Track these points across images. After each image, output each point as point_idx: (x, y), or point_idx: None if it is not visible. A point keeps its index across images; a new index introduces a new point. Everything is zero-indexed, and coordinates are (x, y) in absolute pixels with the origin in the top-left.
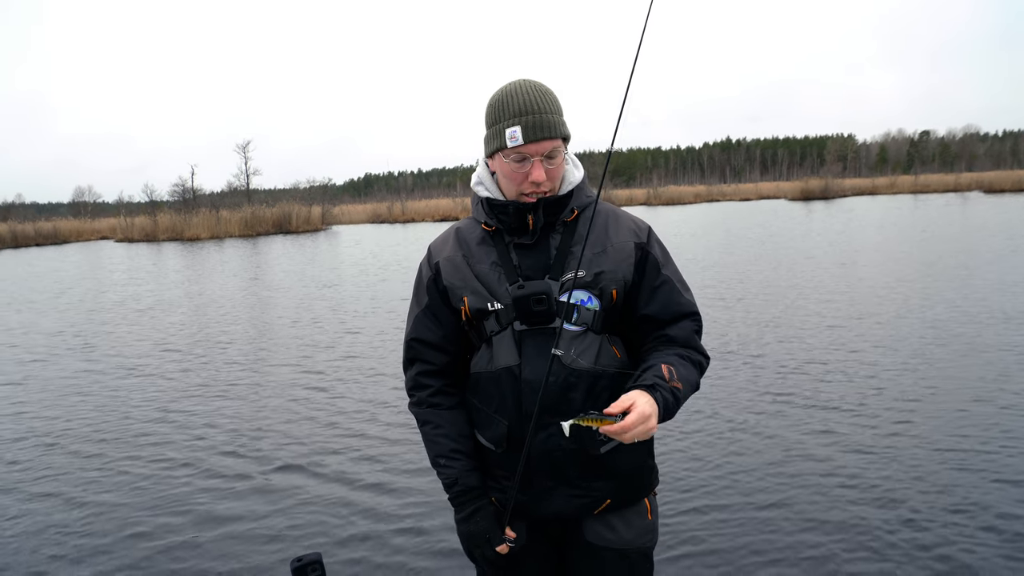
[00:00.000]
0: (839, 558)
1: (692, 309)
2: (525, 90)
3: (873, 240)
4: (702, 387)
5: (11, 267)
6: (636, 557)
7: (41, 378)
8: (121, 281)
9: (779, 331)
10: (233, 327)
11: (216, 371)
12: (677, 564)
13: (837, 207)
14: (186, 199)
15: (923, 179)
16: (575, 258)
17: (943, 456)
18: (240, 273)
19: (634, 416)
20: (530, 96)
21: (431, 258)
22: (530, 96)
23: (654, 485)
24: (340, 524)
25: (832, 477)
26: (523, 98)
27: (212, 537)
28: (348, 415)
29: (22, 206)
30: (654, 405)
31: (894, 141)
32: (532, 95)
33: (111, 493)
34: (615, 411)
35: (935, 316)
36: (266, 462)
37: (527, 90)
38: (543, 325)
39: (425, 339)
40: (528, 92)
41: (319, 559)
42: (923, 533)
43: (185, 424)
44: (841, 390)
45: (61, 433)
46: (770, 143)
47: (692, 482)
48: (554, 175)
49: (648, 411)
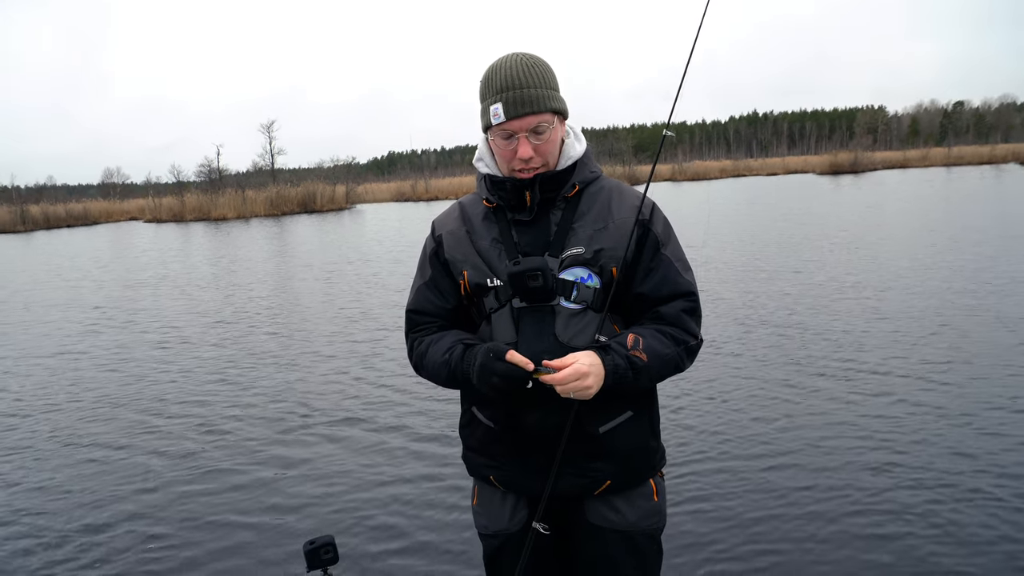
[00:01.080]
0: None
1: (688, 289)
2: (510, 65)
3: (901, 213)
4: (729, 353)
5: (46, 248)
6: (642, 539)
7: (104, 346)
8: (163, 259)
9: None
10: (268, 301)
11: (259, 342)
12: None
13: (867, 180)
14: (212, 179)
15: (956, 151)
16: (575, 235)
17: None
18: (272, 251)
19: (567, 371)
20: (515, 71)
21: (434, 231)
22: (515, 71)
23: (659, 467)
24: (357, 505)
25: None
26: (507, 73)
27: (237, 506)
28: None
29: (53, 188)
30: (596, 366)
31: (926, 112)
32: (517, 69)
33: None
34: (555, 365)
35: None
36: (297, 430)
37: (512, 64)
38: (542, 303)
39: (425, 310)
40: (513, 67)
41: (332, 541)
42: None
43: (243, 384)
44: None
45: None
46: (798, 116)
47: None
48: (544, 151)
49: (584, 369)
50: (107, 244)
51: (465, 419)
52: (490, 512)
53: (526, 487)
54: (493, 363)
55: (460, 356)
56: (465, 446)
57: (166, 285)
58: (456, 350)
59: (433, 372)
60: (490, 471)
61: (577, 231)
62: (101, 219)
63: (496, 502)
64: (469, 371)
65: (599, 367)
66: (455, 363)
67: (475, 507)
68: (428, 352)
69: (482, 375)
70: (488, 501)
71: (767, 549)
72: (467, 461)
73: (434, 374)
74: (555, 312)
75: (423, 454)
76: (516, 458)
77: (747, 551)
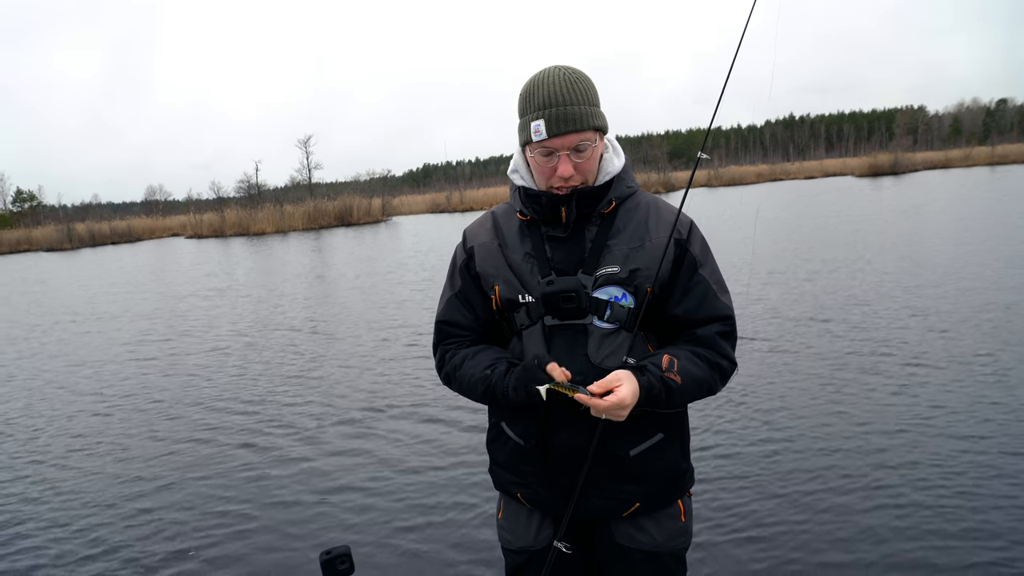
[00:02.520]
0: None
1: (725, 313)
2: (553, 80)
3: (944, 215)
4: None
5: (94, 264)
6: (668, 560)
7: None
8: (211, 272)
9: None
10: (315, 312)
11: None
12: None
13: (907, 182)
14: (251, 195)
15: (1000, 150)
16: (610, 253)
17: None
18: (313, 264)
19: (613, 399)
20: (557, 87)
21: (466, 242)
22: (557, 87)
23: (688, 487)
24: (375, 515)
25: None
26: (549, 89)
27: (258, 518)
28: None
29: (98, 206)
30: (636, 393)
31: (968, 111)
32: (559, 85)
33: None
34: (597, 391)
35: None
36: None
37: (555, 80)
38: (574, 320)
39: (455, 322)
40: (556, 83)
41: (348, 551)
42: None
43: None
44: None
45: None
46: (835, 118)
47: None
48: (584, 168)
49: (627, 399)
50: (155, 259)
51: (493, 433)
52: (515, 528)
53: (553, 506)
54: (536, 373)
55: (502, 375)
56: (492, 460)
57: (227, 297)
58: (499, 367)
59: (468, 386)
60: (517, 488)
61: (612, 249)
62: (144, 236)
63: (522, 519)
64: (507, 388)
65: (636, 391)
66: (496, 380)
67: (500, 521)
68: (463, 366)
69: (519, 391)
70: (514, 517)
71: (791, 558)
72: (494, 475)
73: (468, 388)
74: (587, 331)
75: (446, 465)
76: (544, 477)
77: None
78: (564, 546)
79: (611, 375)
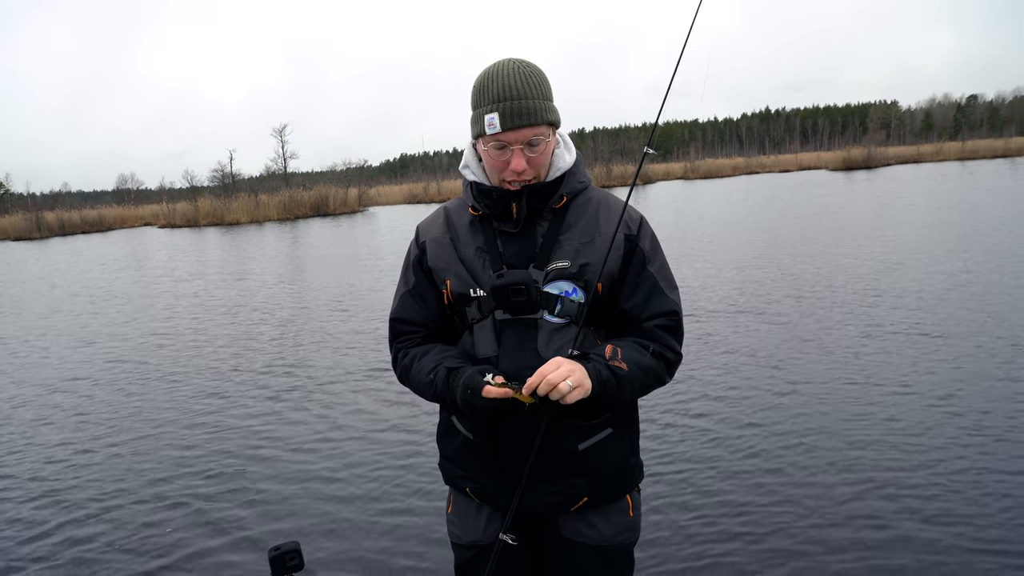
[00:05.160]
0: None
1: (671, 308)
2: (507, 73)
3: (914, 208)
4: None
5: (63, 255)
6: (614, 554)
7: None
8: (191, 264)
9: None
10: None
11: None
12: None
13: (880, 176)
14: (225, 184)
15: (971, 145)
16: (561, 248)
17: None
18: (296, 254)
19: (543, 366)
20: (511, 80)
21: (419, 237)
22: (511, 80)
23: (637, 482)
24: (320, 510)
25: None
26: (503, 82)
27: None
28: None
29: (68, 195)
30: (575, 367)
31: (940, 106)
32: (513, 79)
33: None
34: (532, 387)
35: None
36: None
37: (509, 73)
38: (525, 315)
39: (407, 319)
40: (510, 76)
41: (297, 547)
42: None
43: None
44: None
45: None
46: (810, 112)
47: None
48: (537, 163)
49: (560, 359)
50: (132, 249)
51: (443, 428)
52: (464, 523)
53: (501, 500)
54: (475, 400)
55: (444, 381)
56: (442, 455)
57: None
58: (439, 374)
59: (419, 389)
60: (466, 483)
61: (563, 244)
62: (116, 225)
63: (471, 513)
64: (454, 395)
65: (579, 368)
66: (440, 387)
67: (449, 515)
68: (412, 368)
69: (468, 409)
70: (463, 512)
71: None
72: (443, 470)
73: (420, 391)
74: (538, 326)
75: (396, 463)
76: (492, 471)
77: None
78: (510, 538)
79: (545, 364)
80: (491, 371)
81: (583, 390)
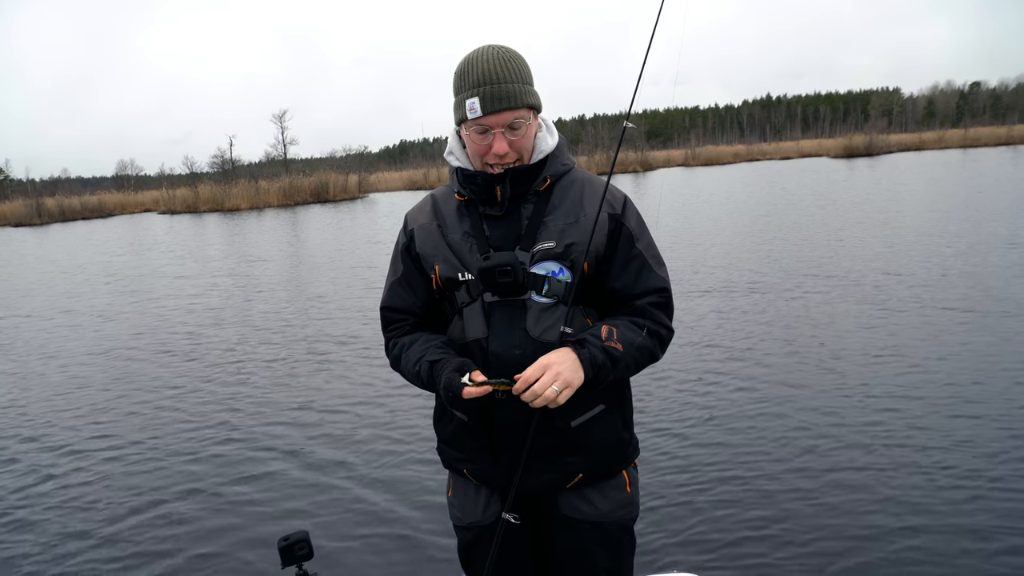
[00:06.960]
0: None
1: (661, 285)
2: (487, 58)
3: (916, 196)
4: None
5: (66, 240)
6: (615, 529)
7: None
8: (194, 249)
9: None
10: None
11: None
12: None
13: (881, 163)
14: (225, 170)
15: (973, 132)
16: (546, 229)
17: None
18: (302, 240)
19: (530, 372)
20: (490, 65)
21: (407, 226)
22: (490, 65)
23: (632, 458)
24: (333, 499)
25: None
26: (483, 67)
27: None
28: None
29: (68, 180)
30: (567, 361)
31: (942, 94)
32: (492, 63)
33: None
34: (520, 387)
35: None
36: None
37: (488, 58)
38: (513, 297)
39: (397, 307)
40: (489, 61)
41: (306, 537)
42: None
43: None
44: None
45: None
46: (812, 99)
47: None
48: (519, 146)
49: (546, 361)
50: (133, 236)
51: (439, 413)
52: (464, 504)
53: (499, 480)
54: (457, 403)
55: (428, 374)
56: (439, 439)
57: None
58: (423, 367)
59: (410, 379)
60: (463, 464)
61: (548, 225)
62: (116, 211)
63: (470, 495)
64: (439, 393)
65: (572, 361)
66: (426, 379)
67: (450, 499)
68: (401, 358)
69: (453, 406)
70: (462, 493)
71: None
72: (441, 454)
73: (410, 380)
74: (526, 306)
75: (400, 450)
76: (488, 452)
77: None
78: (512, 517)
79: (535, 363)
80: (469, 368)
81: (573, 389)
